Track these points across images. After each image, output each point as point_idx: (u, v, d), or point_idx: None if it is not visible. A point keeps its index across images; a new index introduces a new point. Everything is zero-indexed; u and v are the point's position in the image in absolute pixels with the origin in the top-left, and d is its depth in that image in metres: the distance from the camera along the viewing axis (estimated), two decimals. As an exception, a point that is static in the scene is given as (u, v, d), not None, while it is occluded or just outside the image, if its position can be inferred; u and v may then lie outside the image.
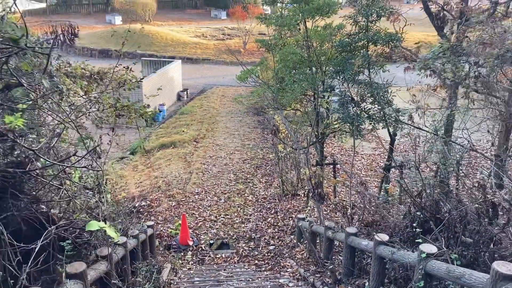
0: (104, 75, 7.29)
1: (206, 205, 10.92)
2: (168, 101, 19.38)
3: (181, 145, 14.77)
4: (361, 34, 9.34)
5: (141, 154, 14.69)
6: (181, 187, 11.89)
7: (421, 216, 5.11)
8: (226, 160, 13.59)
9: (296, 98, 9.63)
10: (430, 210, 4.91)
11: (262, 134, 15.52)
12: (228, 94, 20.81)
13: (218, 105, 19.20)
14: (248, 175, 12.58)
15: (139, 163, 14.09)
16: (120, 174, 13.17)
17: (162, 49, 29.67)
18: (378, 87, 8.96)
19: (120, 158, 14.60)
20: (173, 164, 13.44)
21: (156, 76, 18.13)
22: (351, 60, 9.19)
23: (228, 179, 12.34)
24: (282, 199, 10.87)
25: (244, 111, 18.09)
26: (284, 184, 11.07)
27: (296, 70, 9.49)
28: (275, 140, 11.07)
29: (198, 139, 15.28)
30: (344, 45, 9.16)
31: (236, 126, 16.61)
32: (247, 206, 10.79)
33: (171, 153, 14.21)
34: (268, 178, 12.37)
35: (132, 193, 11.75)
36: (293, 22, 9.28)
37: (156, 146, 14.92)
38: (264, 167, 13.05)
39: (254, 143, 14.90)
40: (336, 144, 14.72)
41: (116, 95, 7.15)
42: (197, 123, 16.78)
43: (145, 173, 13.23)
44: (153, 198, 11.43)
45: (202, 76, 25.02)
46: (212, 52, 29.81)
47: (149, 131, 16.82)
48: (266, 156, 13.66)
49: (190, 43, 31.26)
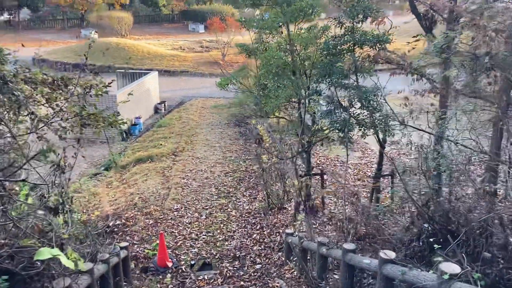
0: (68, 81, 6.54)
1: (186, 222, 10.16)
2: (145, 113, 18.60)
3: (158, 159, 13.99)
4: (347, 36, 8.85)
5: (116, 170, 13.85)
6: (159, 203, 11.10)
7: (429, 228, 4.51)
8: (207, 174, 12.87)
9: (280, 105, 9.04)
10: (440, 222, 4.32)
11: (244, 145, 14.86)
12: (208, 105, 20.14)
13: (198, 117, 18.50)
14: (230, 188, 11.87)
15: (114, 179, 13.24)
16: (93, 192, 12.30)
17: (139, 62, 28.91)
18: (366, 91, 8.44)
19: (94, 174, 13.72)
20: (150, 180, 12.64)
21: (131, 88, 17.36)
22: (338, 63, 8.66)
23: (209, 193, 11.61)
24: (268, 213, 10.19)
25: (225, 122, 17.42)
26: (270, 197, 10.40)
27: (280, 75, 8.91)
28: (259, 151, 10.43)
29: (177, 152, 14.53)
30: (329, 47, 8.63)
31: (217, 138, 15.91)
32: (230, 222, 10.06)
33: (148, 168, 13.42)
34: (252, 191, 11.68)
35: (106, 212, 10.90)
36: (274, 24, 8.73)
37: (132, 161, 14.10)
38: (248, 179, 12.37)
39: (236, 155, 14.22)
40: (321, 154, 14.15)
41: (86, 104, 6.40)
42: (175, 136, 16.03)
43: (120, 189, 12.39)
44: (128, 216, 10.60)
45: (180, 88, 24.33)
46: (190, 64, 29.20)
47: (125, 145, 16.00)
48: (250, 168, 12.99)
49: (167, 55, 30.60)
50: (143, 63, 28.89)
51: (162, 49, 32.92)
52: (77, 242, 6.14)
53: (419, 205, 4.61)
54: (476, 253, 3.68)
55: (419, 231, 4.62)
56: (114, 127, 6.31)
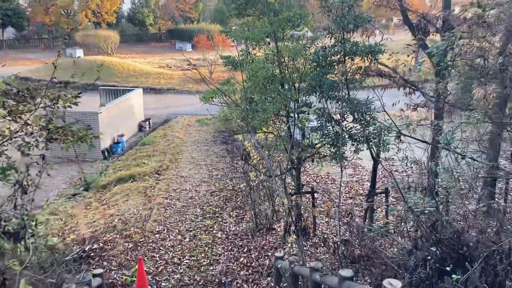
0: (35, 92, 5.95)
1: (168, 245, 9.48)
2: (129, 131, 17.95)
3: (141, 178, 13.32)
4: (337, 46, 8.43)
5: (96, 190, 13.14)
6: (139, 225, 10.41)
7: (437, 252, 3.96)
8: (191, 193, 12.23)
9: (268, 119, 8.52)
10: (450, 244, 3.78)
11: (231, 163, 14.27)
12: (194, 123, 19.58)
13: (183, 135, 17.90)
14: (216, 208, 11.23)
15: (93, 199, 12.52)
16: (70, 213, 11.56)
17: (124, 80, 28.37)
18: (359, 103, 7.98)
19: (72, 195, 12.99)
20: (131, 200, 11.95)
21: (114, 105, 16.77)
22: (328, 74, 8.22)
23: (194, 214, 10.96)
24: (256, 235, 9.57)
25: (212, 140, 16.85)
26: (258, 217, 9.79)
27: (267, 88, 8.43)
28: (246, 168, 9.86)
29: (160, 171, 13.88)
30: (319, 58, 8.19)
31: (202, 155, 15.31)
32: (215, 245, 9.41)
33: (129, 188, 12.73)
34: (239, 211, 11.06)
35: (83, 235, 10.17)
36: (261, 34, 8.27)
37: (113, 181, 13.41)
38: (235, 199, 11.75)
39: (222, 173, 13.62)
40: (312, 171, 13.63)
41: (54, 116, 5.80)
42: (159, 154, 15.39)
43: (99, 211, 11.67)
44: (106, 240, 9.89)
45: (166, 105, 23.77)
46: (176, 82, 28.73)
47: (106, 164, 15.31)
48: (237, 187, 12.39)
49: (153, 73, 30.12)
50: (128, 80, 28.34)
51: (148, 67, 32.45)
52: (40, 272, 5.48)
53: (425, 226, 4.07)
54: (498, 282, 3.15)
55: (425, 255, 4.07)
56: (84, 142, 5.71)
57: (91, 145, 5.65)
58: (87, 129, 5.74)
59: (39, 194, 13.41)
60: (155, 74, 30.00)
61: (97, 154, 15.64)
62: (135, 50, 46.32)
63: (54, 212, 11.75)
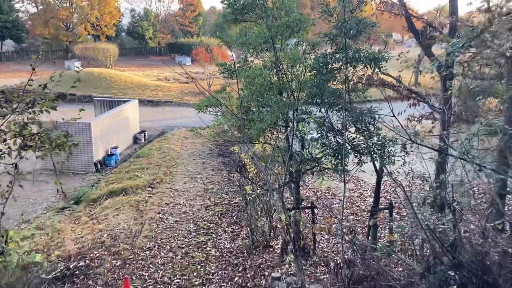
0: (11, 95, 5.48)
1: (159, 263, 8.90)
2: (123, 143, 17.46)
3: (133, 192, 12.77)
4: (339, 53, 8.00)
5: (87, 204, 12.59)
6: (129, 241, 9.84)
7: (456, 277, 3.44)
8: (185, 208, 11.67)
9: (265, 130, 8.03)
10: (472, 269, 3.27)
11: (227, 176, 13.75)
12: (191, 136, 19.10)
13: (179, 147, 17.41)
14: (211, 224, 10.68)
15: (82, 214, 11.95)
16: (57, 228, 10.99)
17: (121, 92, 28.00)
18: (362, 112, 7.51)
19: (61, 208, 12.43)
20: (122, 214, 11.38)
21: (107, 116, 16.30)
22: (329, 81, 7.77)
23: (187, 230, 10.39)
24: (252, 253, 9.00)
25: (208, 153, 16.36)
26: (254, 234, 9.24)
27: (264, 96, 7.96)
28: (242, 181, 9.34)
29: (154, 184, 13.34)
30: (320, 66, 7.74)
31: (198, 169, 14.79)
32: (209, 263, 8.83)
33: (121, 201, 12.17)
34: (234, 227, 10.50)
35: (68, 251, 9.59)
36: (259, 40, 7.84)
37: (104, 194, 12.86)
38: (230, 214, 11.20)
39: (218, 186, 13.08)
40: (311, 185, 13.10)
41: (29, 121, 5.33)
42: (154, 167, 14.87)
43: (88, 225, 11.10)
44: (94, 257, 9.31)
45: (163, 118, 23.35)
46: (174, 95, 28.36)
47: (98, 177, 14.78)
48: (233, 201, 11.84)
49: (151, 85, 29.78)
50: (125, 93, 27.97)
51: (146, 79, 32.16)
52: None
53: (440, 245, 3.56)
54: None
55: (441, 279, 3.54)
56: (63, 150, 5.21)
57: (69, 153, 5.15)
58: (66, 136, 5.23)
59: (26, 207, 12.86)
60: (153, 87, 29.65)
61: (89, 167, 15.13)
62: (134, 63, 46.15)
63: (41, 227, 11.18)
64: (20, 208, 12.55)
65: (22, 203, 12.80)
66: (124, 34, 55.49)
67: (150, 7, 55.79)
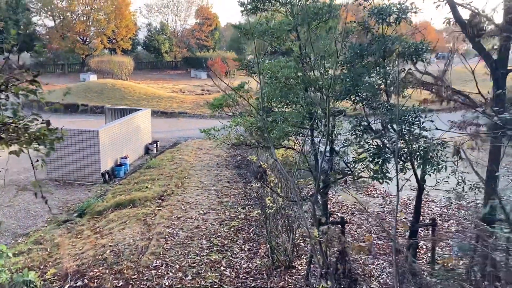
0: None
1: (166, 284, 7.79)
2: (133, 154, 16.52)
3: (142, 204, 11.74)
4: (375, 44, 6.92)
5: (91, 216, 11.59)
6: (134, 259, 8.77)
7: None
8: (197, 222, 10.57)
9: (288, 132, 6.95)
10: None
11: (244, 188, 12.64)
12: (205, 146, 18.11)
13: (192, 158, 16.40)
14: (225, 240, 9.55)
15: (85, 227, 10.94)
16: (56, 243, 9.99)
17: (135, 103, 27.28)
18: (405, 112, 6.38)
19: (63, 221, 11.45)
20: (128, 228, 10.34)
21: (117, 124, 15.40)
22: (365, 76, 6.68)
23: (199, 246, 9.28)
24: (272, 274, 7.83)
25: (223, 164, 15.31)
26: (275, 252, 8.09)
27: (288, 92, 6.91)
28: (261, 192, 8.23)
29: (164, 196, 12.30)
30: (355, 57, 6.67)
31: (212, 180, 13.72)
32: (223, 285, 7.69)
33: (127, 214, 11.14)
34: (252, 244, 9.36)
35: (66, 269, 8.56)
36: (284, 27, 6.82)
37: (110, 206, 11.85)
38: (247, 229, 10.06)
39: (234, 199, 11.97)
40: (335, 200, 11.91)
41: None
42: (165, 178, 13.85)
43: (91, 240, 10.07)
44: (93, 275, 8.26)
45: (177, 129, 22.47)
46: (189, 106, 27.55)
47: (106, 188, 13.81)
48: (250, 215, 10.71)
49: (165, 97, 29.06)
50: (139, 104, 27.25)
51: (161, 91, 31.49)
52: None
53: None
54: None
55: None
56: (42, 144, 4.19)
57: (50, 148, 4.12)
58: (49, 127, 4.20)
59: (26, 219, 11.85)
60: (167, 98, 28.92)
61: (96, 177, 14.19)
62: (150, 77, 45.76)
63: (39, 241, 10.20)
64: (20, 220, 11.64)
65: (23, 215, 11.89)
66: (141, 48, 55.41)
67: (166, 21, 55.71)
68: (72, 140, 14.01)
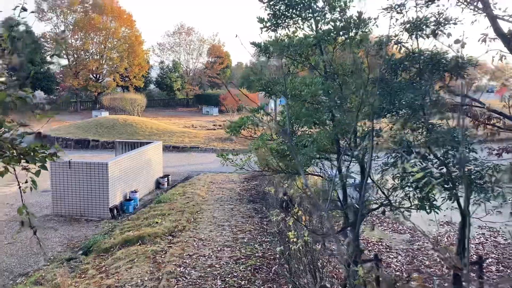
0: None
1: (177, 332, 6.87)
2: (144, 188, 15.80)
3: (151, 241, 10.90)
4: (410, 59, 6.26)
5: (97, 254, 10.76)
6: (141, 301, 7.88)
7: None
8: (211, 260, 9.68)
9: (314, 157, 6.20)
10: None
11: (260, 224, 11.77)
12: (218, 180, 17.35)
13: (205, 192, 15.61)
14: (242, 281, 8.62)
15: (90, 266, 10.10)
16: (58, 284, 9.13)
17: (147, 138, 26.82)
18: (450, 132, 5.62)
19: (67, 259, 10.62)
20: (136, 267, 9.46)
21: (127, 157, 14.78)
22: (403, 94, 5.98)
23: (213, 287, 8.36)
24: (297, 320, 6.88)
25: (237, 198, 14.49)
26: (299, 295, 7.14)
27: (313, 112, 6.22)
28: (282, 226, 7.39)
29: (175, 232, 11.46)
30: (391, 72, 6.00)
31: (226, 215, 12.88)
32: (241, 334, 6.74)
33: (136, 252, 10.29)
34: (272, 285, 8.41)
35: (65, 313, 7.69)
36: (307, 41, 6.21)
37: (117, 243, 11.03)
38: (266, 268, 9.13)
39: (250, 236, 11.08)
40: (364, 235, 10.96)
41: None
42: (176, 213, 13.04)
43: (95, 280, 9.20)
44: (95, 321, 7.36)
45: (188, 163, 21.82)
46: (201, 140, 27.01)
47: (114, 224, 13.01)
48: (268, 253, 9.80)
49: (177, 132, 28.63)
50: (150, 139, 26.76)
51: (173, 126, 31.13)
52: None
53: None
54: None
55: None
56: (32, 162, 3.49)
57: (42, 166, 3.42)
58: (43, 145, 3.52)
59: (27, 257, 11.03)
60: (179, 133, 28.48)
61: (104, 213, 13.44)
62: (162, 114, 45.83)
63: (40, 281, 9.37)
64: (21, 258, 10.85)
65: (24, 253, 11.10)
66: (153, 86, 55.88)
67: (179, 59, 56.36)
68: (80, 174, 13.38)
